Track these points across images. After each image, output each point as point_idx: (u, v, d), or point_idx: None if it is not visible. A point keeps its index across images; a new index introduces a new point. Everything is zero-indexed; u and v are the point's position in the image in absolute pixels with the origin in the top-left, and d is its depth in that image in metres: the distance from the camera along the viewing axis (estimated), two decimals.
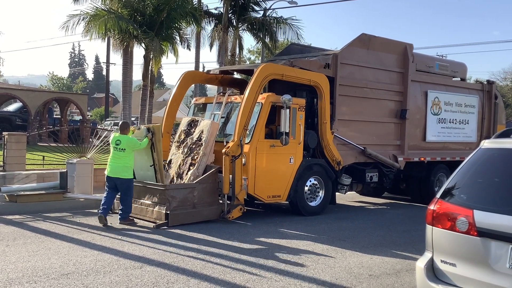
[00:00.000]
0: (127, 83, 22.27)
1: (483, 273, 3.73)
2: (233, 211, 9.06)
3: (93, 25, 19.05)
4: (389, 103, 12.25)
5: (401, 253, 7.33)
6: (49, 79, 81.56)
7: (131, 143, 8.86)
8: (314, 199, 10.52)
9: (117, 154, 8.80)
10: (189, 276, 5.77)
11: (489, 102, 14.42)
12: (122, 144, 8.79)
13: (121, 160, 8.76)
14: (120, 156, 8.78)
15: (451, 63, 14.57)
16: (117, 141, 8.83)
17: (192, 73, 12.65)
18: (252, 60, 42.74)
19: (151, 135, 9.24)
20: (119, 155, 8.79)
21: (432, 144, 13.13)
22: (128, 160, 8.81)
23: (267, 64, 10.33)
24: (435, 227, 4.07)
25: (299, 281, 5.77)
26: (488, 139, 4.37)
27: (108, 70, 38.33)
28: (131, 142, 8.87)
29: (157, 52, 20.21)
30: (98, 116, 54.53)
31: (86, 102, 32.04)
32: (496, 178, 4.08)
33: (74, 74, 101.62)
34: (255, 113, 9.53)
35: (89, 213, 9.81)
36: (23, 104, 27.28)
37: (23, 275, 5.64)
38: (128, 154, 8.81)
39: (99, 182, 12.41)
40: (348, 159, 11.25)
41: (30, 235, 7.69)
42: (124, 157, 8.77)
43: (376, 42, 11.93)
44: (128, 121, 21.74)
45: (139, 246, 7.13)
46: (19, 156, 11.63)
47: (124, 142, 8.80)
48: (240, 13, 23.95)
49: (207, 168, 9.42)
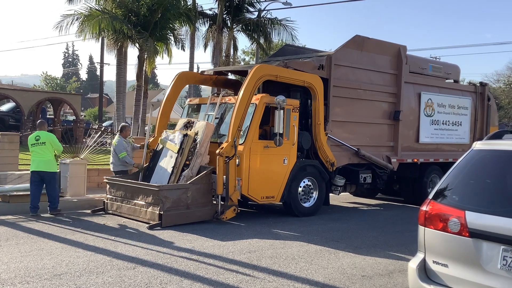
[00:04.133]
0: (121, 83, 22.24)
1: (475, 273, 3.76)
2: (227, 212, 9.06)
3: (87, 25, 19.02)
4: (383, 104, 12.30)
5: (394, 254, 7.36)
6: (42, 79, 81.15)
7: (50, 137, 9.47)
8: (307, 200, 10.54)
9: (39, 149, 9.30)
10: (182, 277, 5.77)
11: (482, 104, 14.51)
12: (42, 138, 9.34)
13: (44, 154, 9.28)
14: (42, 150, 9.30)
15: (444, 65, 14.64)
16: (37, 136, 9.37)
17: (186, 73, 12.65)
18: (247, 61, 42.76)
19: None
20: (41, 150, 9.30)
21: (425, 146, 13.20)
22: (49, 153, 9.36)
23: (261, 65, 10.34)
24: (427, 228, 4.10)
25: (292, 281, 5.78)
26: (480, 141, 4.40)
27: (102, 70, 38.19)
28: (50, 137, 9.48)
29: (151, 53, 20.19)
30: (91, 117, 54.32)
31: (80, 102, 31.94)
32: (488, 179, 4.11)
33: (68, 74, 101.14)
34: (249, 114, 9.54)
35: (82, 213, 9.78)
36: (16, 104, 27.16)
37: (16, 276, 5.61)
38: (48, 147, 9.33)
39: (92, 182, 12.40)
40: (341, 160, 11.28)
41: (23, 236, 7.66)
42: (46, 150, 9.31)
43: (370, 44, 11.98)
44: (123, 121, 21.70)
45: (132, 247, 7.12)
46: (12, 156, 11.58)
47: (43, 137, 9.37)
48: (235, 14, 23.97)
49: (201, 169, 9.41)
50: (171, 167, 9.54)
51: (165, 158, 9.89)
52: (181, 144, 9.64)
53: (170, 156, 9.77)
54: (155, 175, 9.88)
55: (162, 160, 9.94)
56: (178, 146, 9.63)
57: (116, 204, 9.66)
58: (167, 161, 9.78)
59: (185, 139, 9.66)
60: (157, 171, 9.90)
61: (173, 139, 9.90)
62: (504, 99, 49.98)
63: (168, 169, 9.59)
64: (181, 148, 9.59)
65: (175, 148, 9.69)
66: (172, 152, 9.76)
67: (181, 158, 9.51)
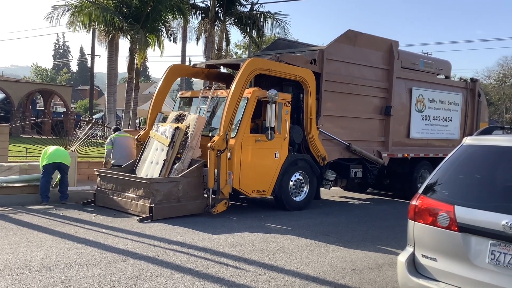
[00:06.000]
0: (112, 75, 22.11)
1: (463, 268, 3.80)
2: (218, 205, 9.07)
3: (78, 16, 18.86)
4: (374, 99, 12.34)
5: (383, 248, 7.41)
6: (32, 70, 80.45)
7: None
8: (298, 194, 10.57)
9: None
10: (173, 270, 5.78)
11: (472, 100, 14.60)
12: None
13: (63, 148, 10.04)
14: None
15: (436, 60, 14.70)
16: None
17: (178, 66, 12.59)
18: (239, 54, 42.63)
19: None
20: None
21: (415, 141, 13.27)
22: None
23: (254, 59, 10.32)
24: (416, 222, 4.13)
25: (282, 274, 5.81)
26: (470, 136, 4.43)
27: (93, 62, 37.98)
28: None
29: (142, 45, 20.06)
30: (82, 108, 53.97)
31: (70, 94, 31.75)
32: (477, 174, 4.15)
33: (58, 65, 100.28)
34: (241, 108, 9.53)
35: (72, 205, 9.74)
36: (6, 95, 26.93)
37: (5, 267, 5.59)
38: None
39: (82, 174, 12.35)
40: (333, 154, 11.32)
41: (12, 227, 7.62)
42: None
43: (362, 39, 11.99)
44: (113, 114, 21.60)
45: (123, 240, 7.11)
46: (2, 147, 11.49)
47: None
48: (227, 7, 23.87)
49: (192, 162, 9.41)
50: (162, 160, 9.52)
51: (156, 151, 9.87)
52: (173, 137, 9.62)
53: (161, 149, 9.75)
54: (146, 168, 9.86)
55: (153, 153, 9.92)
56: (170, 139, 9.61)
57: (106, 197, 9.63)
58: (158, 154, 9.76)
59: (176, 132, 9.63)
60: (148, 164, 9.88)
61: (164, 132, 9.87)
62: (494, 96, 50.36)
63: (159, 162, 9.57)
64: (172, 141, 9.57)
65: (166, 141, 9.67)
66: (163, 145, 9.73)
67: (172, 151, 9.49)
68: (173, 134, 9.64)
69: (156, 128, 10.24)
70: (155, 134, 10.11)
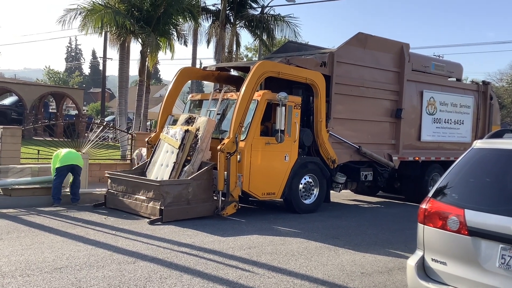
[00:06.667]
0: (123, 78, 22.21)
1: (473, 272, 3.77)
2: (227, 207, 9.08)
3: (90, 20, 18.98)
4: (385, 102, 12.29)
5: (394, 252, 7.37)
6: (45, 73, 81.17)
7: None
8: (308, 197, 10.55)
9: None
10: (182, 272, 5.79)
11: (484, 103, 14.48)
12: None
13: (77, 151, 10.20)
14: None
15: (447, 63, 14.61)
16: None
17: (188, 69, 12.65)
18: (249, 57, 42.66)
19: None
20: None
21: (426, 144, 13.18)
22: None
23: (264, 62, 10.34)
24: (426, 226, 4.10)
25: (291, 278, 5.80)
26: (480, 140, 4.39)
27: (104, 65, 38.18)
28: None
29: (153, 48, 20.14)
30: (94, 111, 54.34)
31: (82, 96, 32.01)
32: (487, 178, 4.11)
33: (71, 68, 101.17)
34: (250, 110, 9.54)
35: (83, 207, 9.81)
36: (19, 98, 27.21)
37: (16, 269, 5.64)
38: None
39: (93, 177, 12.43)
40: (343, 157, 11.29)
41: (24, 229, 7.69)
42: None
43: (373, 41, 11.95)
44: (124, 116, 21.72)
45: (133, 242, 7.15)
46: (14, 150, 11.60)
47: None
48: (238, 10, 23.93)
49: (202, 165, 9.43)
50: (173, 162, 9.55)
51: (167, 154, 9.92)
52: (183, 139, 9.65)
53: (172, 151, 9.79)
54: (157, 170, 9.90)
55: (163, 156, 9.96)
56: (180, 142, 9.65)
57: (117, 199, 9.69)
58: (168, 157, 9.80)
59: (186, 134, 9.67)
60: (158, 167, 9.92)
61: (174, 135, 9.92)
62: (507, 98, 49.85)
63: (170, 165, 9.61)
64: (183, 144, 9.61)
65: (176, 143, 9.71)
66: (173, 148, 9.77)
67: (182, 154, 9.52)
68: (183, 137, 9.67)
69: (166, 131, 10.28)
70: (165, 137, 10.15)
